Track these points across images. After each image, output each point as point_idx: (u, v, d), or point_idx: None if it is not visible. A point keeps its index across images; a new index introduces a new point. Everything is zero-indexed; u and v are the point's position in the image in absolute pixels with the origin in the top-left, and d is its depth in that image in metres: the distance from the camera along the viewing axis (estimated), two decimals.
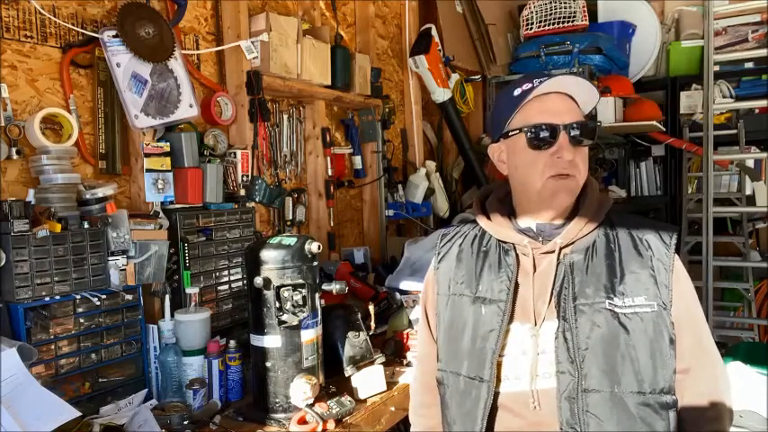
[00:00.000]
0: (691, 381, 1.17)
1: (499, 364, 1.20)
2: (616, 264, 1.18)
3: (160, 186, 1.86)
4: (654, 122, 3.68)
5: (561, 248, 1.20)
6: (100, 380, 1.62)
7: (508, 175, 1.28)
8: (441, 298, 1.33)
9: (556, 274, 1.19)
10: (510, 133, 1.22)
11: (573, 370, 1.13)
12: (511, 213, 1.29)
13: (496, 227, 1.28)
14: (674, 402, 1.14)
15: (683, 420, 1.16)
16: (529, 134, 1.18)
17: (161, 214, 1.89)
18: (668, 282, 1.16)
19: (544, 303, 1.18)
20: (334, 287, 1.72)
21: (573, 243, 1.21)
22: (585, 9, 3.75)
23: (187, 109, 1.96)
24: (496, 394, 1.20)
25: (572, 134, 1.16)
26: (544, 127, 1.16)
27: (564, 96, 1.20)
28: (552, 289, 1.18)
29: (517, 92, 1.21)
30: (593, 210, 1.22)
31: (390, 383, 1.83)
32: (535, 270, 1.21)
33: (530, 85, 1.19)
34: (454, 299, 1.29)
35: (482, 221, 1.31)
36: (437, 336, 1.34)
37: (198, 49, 2.19)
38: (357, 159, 3.01)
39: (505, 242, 1.26)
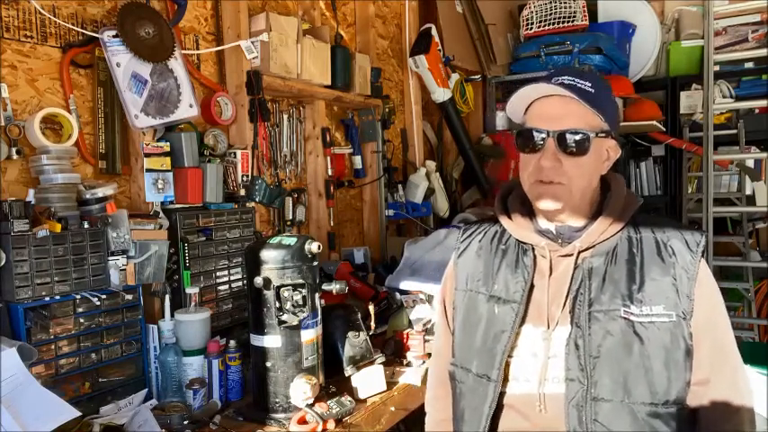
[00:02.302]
0: (710, 394, 1.13)
1: (509, 365, 1.19)
2: (636, 270, 1.15)
3: (160, 186, 1.86)
4: (654, 122, 3.67)
5: (580, 252, 1.18)
6: (100, 380, 1.62)
7: None
8: (458, 293, 1.33)
9: (572, 278, 1.17)
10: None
11: (582, 377, 1.11)
12: (532, 213, 1.27)
13: (516, 226, 1.26)
14: (686, 414, 1.12)
15: (700, 430, 1.14)
16: (517, 138, 1.19)
17: (161, 214, 1.89)
18: (690, 291, 1.12)
19: (558, 307, 1.16)
20: (334, 287, 1.72)
21: (593, 247, 1.18)
22: (585, 9, 3.74)
23: (187, 109, 1.96)
24: (504, 394, 1.19)
25: (559, 139, 1.13)
26: (531, 132, 1.16)
27: (568, 99, 1.13)
28: (567, 293, 1.16)
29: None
30: (617, 211, 1.19)
31: (390, 383, 1.83)
32: (551, 273, 1.19)
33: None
34: (470, 295, 1.29)
35: (503, 220, 1.29)
36: (453, 330, 1.34)
37: (198, 49, 2.19)
38: (357, 159, 3.01)
39: (525, 242, 1.24)
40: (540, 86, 1.15)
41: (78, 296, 1.58)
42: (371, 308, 2.27)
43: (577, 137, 1.13)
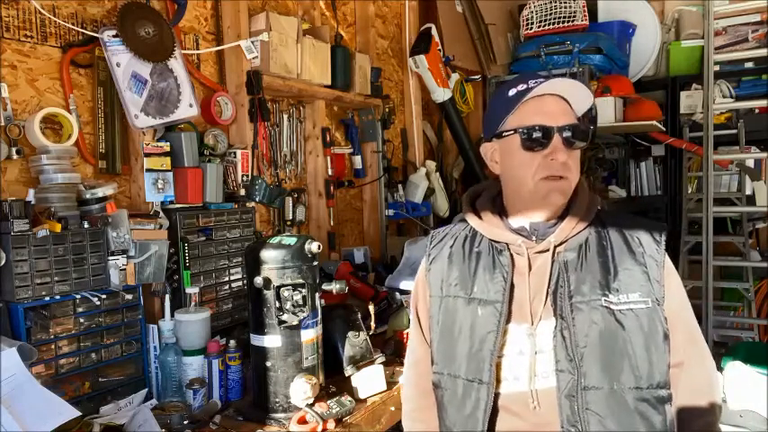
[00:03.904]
0: (685, 375, 1.18)
1: (498, 365, 1.19)
2: (609, 261, 1.19)
3: (160, 186, 1.86)
4: (654, 122, 3.67)
5: (555, 247, 1.20)
6: (100, 379, 1.62)
7: (500, 174, 1.28)
8: (433, 300, 1.32)
9: (551, 272, 1.19)
10: (504, 134, 1.22)
11: (572, 368, 1.13)
12: (502, 212, 1.28)
13: (488, 227, 1.27)
14: (669, 396, 1.16)
15: (677, 413, 1.18)
16: (523, 135, 1.18)
17: (161, 214, 1.89)
18: (660, 277, 1.17)
19: (540, 302, 1.18)
20: (334, 287, 1.72)
21: (566, 241, 1.21)
22: (585, 9, 3.74)
23: (187, 109, 1.96)
24: (496, 395, 1.19)
25: (565, 136, 1.17)
26: (538, 128, 1.17)
27: (558, 98, 1.20)
28: (548, 287, 1.18)
29: (512, 92, 1.21)
30: (584, 208, 1.23)
31: (390, 383, 1.83)
32: (530, 269, 1.21)
33: (524, 86, 1.19)
34: (448, 301, 1.28)
35: (473, 221, 1.30)
36: (431, 338, 1.32)
37: (198, 48, 2.19)
38: (357, 159, 3.01)
39: (498, 242, 1.25)
40: (555, 80, 1.18)
41: (78, 296, 1.58)
42: (371, 308, 2.27)
43: (581, 128, 1.18)
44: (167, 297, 1.77)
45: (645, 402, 1.13)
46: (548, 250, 1.20)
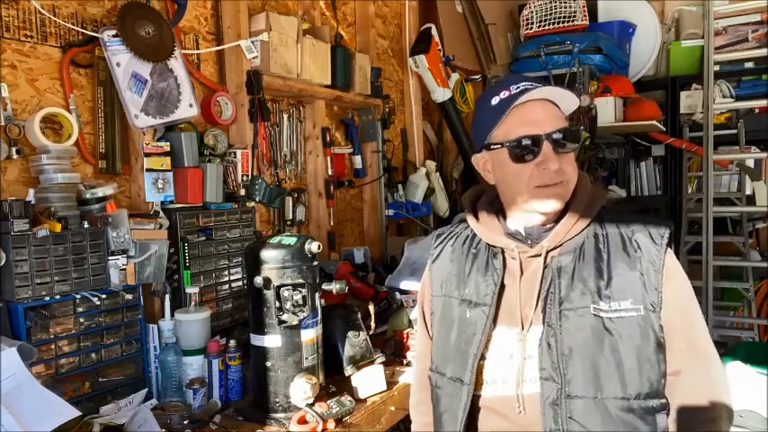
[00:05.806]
0: (683, 382, 1.14)
1: (482, 368, 1.19)
2: (604, 266, 1.15)
3: (160, 186, 1.86)
4: (654, 122, 3.68)
5: (548, 251, 1.18)
6: (100, 379, 1.62)
7: (495, 183, 1.27)
8: (435, 299, 1.33)
9: (542, 277, 1.17)
10: (492, 146, 1.20)
11: (556, 376, 1.12)
12: (501, 214, 1.28)
13: (485, 230, 1.27)
14: (661, 406, 1.13)
15: (676, 422, 1.14)
16: (511, 147, 1.16)
17: (161, 214, 1.89)
18: (657, 283, 1.13)
19: (531, 308, 1.17)
20: (334, 287, 1.72)
21: (561, 245, 1.19)
22: (585, 9, 3.75)
23: (187, 108, 1.96)
24: (478, 397, 1.20)
25: (554, 138, 1.14)
26: (526, 139, 1.14)
27: (544, 102, 1.17)
28: (539, 293, 1.17)
29: (494, 101, 1.18)
30: (582, 208, 1.19)
31: (390, 383, 1.83)
32: (522, 274, 1.20)
33: (507, 93, 1.16)
34: (444, 300, 1.30)
35: (472, 223, 1.30)
36: (432, 335, 1.35)
37: (198, 48, 2.19)
38: (357, 159, 3.01)
39: (494, 245, 1.25)
40: (537, 89, 1.15)
41: (78, 296, 1.58)
42: (371, 307, 2.27)
43: (571, 131, 1.15)
44: (167, 297, 1.77)
45: (631, 413, 1.10)
46: (540, 255, 1.18)
